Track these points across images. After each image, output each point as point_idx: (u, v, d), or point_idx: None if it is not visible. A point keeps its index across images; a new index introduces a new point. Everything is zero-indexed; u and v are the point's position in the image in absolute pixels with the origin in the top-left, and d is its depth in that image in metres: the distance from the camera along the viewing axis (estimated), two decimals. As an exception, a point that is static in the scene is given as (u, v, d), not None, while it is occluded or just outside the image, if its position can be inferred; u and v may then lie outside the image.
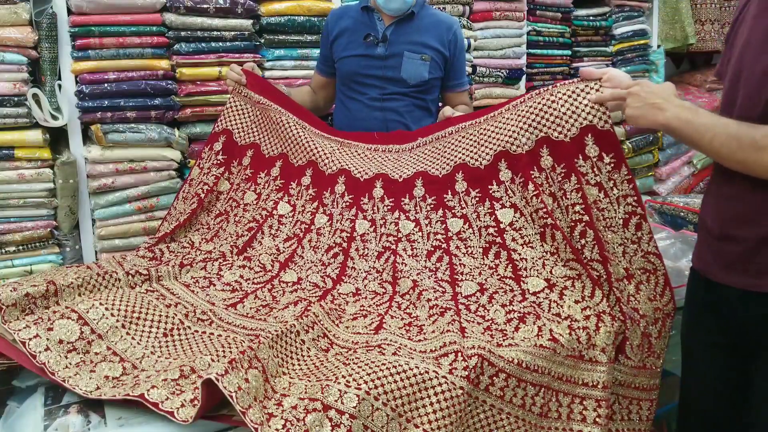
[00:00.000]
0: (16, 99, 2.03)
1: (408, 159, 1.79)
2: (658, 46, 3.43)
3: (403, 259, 1.64)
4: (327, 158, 1.86)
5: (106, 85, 2.17)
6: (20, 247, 2.12)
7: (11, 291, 1.36)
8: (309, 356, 1.32)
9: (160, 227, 1.97)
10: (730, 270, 1.35)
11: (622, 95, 1.41)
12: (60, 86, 2.12)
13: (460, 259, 1.59)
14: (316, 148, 1.89)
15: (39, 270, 2.08)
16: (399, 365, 1.19)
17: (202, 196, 1.92)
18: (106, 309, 1.39)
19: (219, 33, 2.29)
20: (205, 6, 2.27)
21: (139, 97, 2.21)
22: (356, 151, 1.88)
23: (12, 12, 2.00)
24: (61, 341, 1.30)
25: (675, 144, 3.58)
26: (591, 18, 3.16)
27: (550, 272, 1.48)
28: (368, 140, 1.92)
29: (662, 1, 3.40)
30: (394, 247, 1.67)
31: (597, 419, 1.35)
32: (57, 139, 2.22)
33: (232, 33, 2.32)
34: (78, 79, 2.16)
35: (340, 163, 1.85)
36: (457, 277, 1.56)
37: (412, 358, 1.23)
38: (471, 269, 1.56)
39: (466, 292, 1.52)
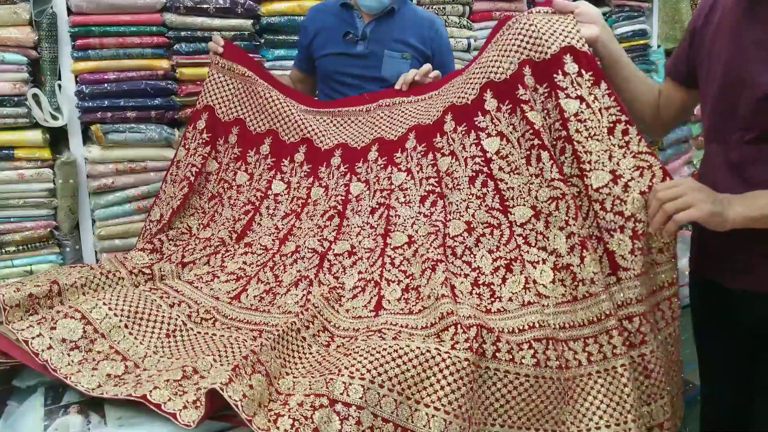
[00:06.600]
0: (16, 99, 2.03)
1: (402, 113, 1.75)
2: (658, 46, 3.43)
3: (397, 211, 1.62)
4: (322, 134, 1.84)
5: (106, 85, 2.17)
6: (20, 247, 2.12)
7: (15, 292, 1.36)
8: (311, 353, 1.32)
9: (151, 208, 1.93)
10: (737, 273, 1.34)
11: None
12: (60, 86, 2.11)
13: (449, 198, 1.56)
14: (309, 125, 1.86)
15: (39, 270, 2.08)
16: (400, 348, 1.18)
17: (192, 179, 1.88)
18: (110, 309, 1.39)
19: (219, 33, 2.29)
20: (205, 6, 2.27)
21: (139, 97, 2.21)
22: (350, 119, 1.85)
23: (12, 12, 1.99)
24: (63, 340, 1.30)
25: (675, 144, 3.58)
26: (591, 18, 3.16)
27: (536, 197, 1.43)
28: (359, 103, 1.87)
29: (662, 1, 3.41)
30: (387, 201, 1.66)
31: (615, 351, 1.29)
32: (57, 139, 2.21)
33: (232, 33, 2.32)
34: (78, 79, 2.16)
35: (336, 137, 1.82)
36: (448, 216, 1.54)
37: (413, 340, 1.22)
38: (458, 205, 1.53)
39: (453, 233, 1.50)
